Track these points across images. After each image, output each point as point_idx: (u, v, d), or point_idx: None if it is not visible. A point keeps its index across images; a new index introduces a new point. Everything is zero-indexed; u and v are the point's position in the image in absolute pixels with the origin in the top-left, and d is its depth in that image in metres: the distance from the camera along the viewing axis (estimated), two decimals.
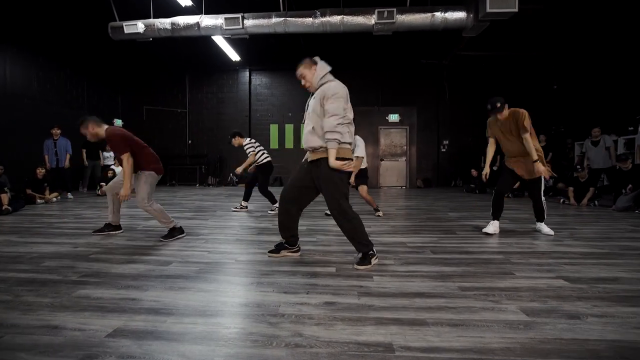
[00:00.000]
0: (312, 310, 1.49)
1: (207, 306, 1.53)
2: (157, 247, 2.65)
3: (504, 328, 1.32)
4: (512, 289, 1.75)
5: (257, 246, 2.66)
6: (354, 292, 1.71)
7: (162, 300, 1.59)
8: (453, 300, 1.60)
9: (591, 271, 2.05)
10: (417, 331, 1.30)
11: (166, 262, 2.24)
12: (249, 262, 2.23)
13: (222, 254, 2.44)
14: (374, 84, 10.43)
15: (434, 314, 1.45)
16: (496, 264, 2.21)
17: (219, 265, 2.16)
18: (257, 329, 1.32)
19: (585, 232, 3.25)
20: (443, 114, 10.42)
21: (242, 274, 2.00)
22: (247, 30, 6.44)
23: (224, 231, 3.28)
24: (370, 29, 6.25)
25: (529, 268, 2.12)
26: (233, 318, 1.42)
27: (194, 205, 5.38)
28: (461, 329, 1.31)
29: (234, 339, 1.24)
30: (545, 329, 1.32)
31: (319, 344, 1.21)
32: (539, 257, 2.38)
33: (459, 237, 3.03)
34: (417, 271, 2.05)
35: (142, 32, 6.65)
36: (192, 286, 1.79)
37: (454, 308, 1.51)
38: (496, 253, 2.48)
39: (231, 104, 11.06)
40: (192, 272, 2.03)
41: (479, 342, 1.22)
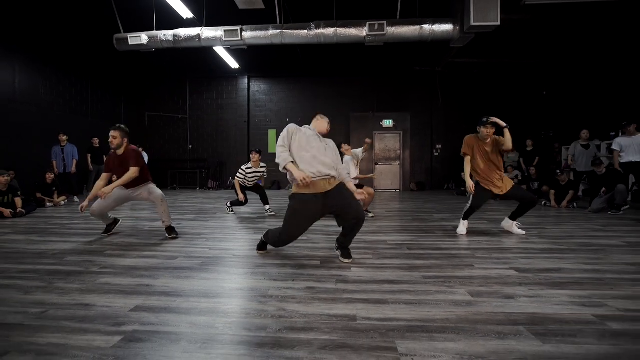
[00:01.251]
0: (295, 292, 1.81)
1: (209, 290, 1.85)
2: (163, 244, 2.96)
3: (449, 305, 1.64)
4: (468, 277, 2.07)
5: (253, 244, 2.98)
6: (333, 279, 2.03)
7: (171, 286, 1.91)
8: (414, 286, 1.92)
9: (541, 264, 2.36)
10: (378, 307, 1.62)
11: (172, 257, 2.55)
12: (245, 257, 2.55)
13: (222, 250, 2.75)
14: (369, 90, 10.80)
15: (395, 296, 1.77)
16: (461, 258, 2.52)
17: (218, 260, 2.47)
18: (250, 306, 1.63)
19: (553, 232, 3.57)
20: (436, 119, 10.78)
21: (239, 266, 2.31)
22: (246, 41, 6.79)
23: (223, 231, 3.59)
24: (362, 40, 6.60)
25: (489, 261, 2.43)
26: (230, 298, 1.74)
27: (195, 208, 5.69)
28: (414, 306, 1.63)
29: (231, 313, 1.55)
30: (482, 305, 1.63)
31: (298, 316, 1.53)
32: (501, 252, 2.70)
33: (436, 236, 3.34)
34: (391, 264, 2.37)
35: (145, 44, 7.00)
36: (196, 275, 2.10)
37: (414, 292, 1.83)
38: (464, 249, 2.80)
39: (230, 110, 11.41)
40: (195, 264, 2.35)
41: (425, 315, 1.54)
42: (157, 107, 11.50)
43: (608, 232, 3.54)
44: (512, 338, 1.32)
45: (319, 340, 1.31)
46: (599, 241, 3.08)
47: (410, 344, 1.28)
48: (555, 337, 1.33)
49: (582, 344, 1.27)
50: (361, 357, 1.18)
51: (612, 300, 1.70)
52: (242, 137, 11.26)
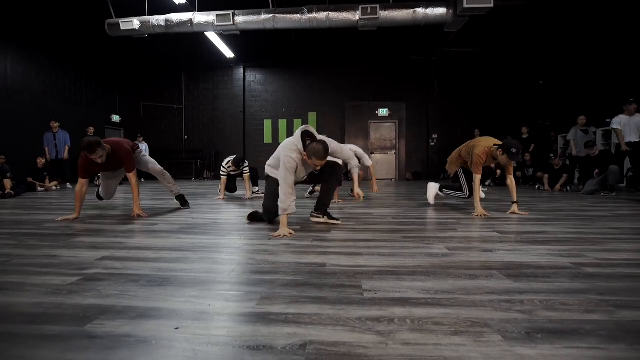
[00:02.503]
0: (269, 247, 1.78)
1: (180, 246, 1.81)
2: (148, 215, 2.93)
3: (424, 257, 1.60)
4: (448, 238, 2.03)
5: (238, 215, 2.94)
6: (310, 239, 1.99)
7: (144, 243, 1.87)
8: (392, 243, 1.89)
9: (525, 228, 2.33)
10: (350, 258, 1.58)
11: (153, 223, 2.52)
12: (226, 224, 2.51)
13: (204, 219, 2.72)
14: (364, 80, 10.72)
15: (370, 250, 1.73)
16: (445, 224, 2.49)
17: (199, 226, 2.44)
18: (216, 256, 1.60)
19: (542, 207, 3.53)
20: (432, 109, 10.71)
21: (217, 230, 2.27)
22: (238, 26, 6.72)
23: (210, 207, 3.56)
24: (355, 25, 6.54)
25: (473, 226, 2.40)
26: (200, 252, 1.70)
27: (187, 192, 5.65)
28: (388, 257, 1.60)
29: (197, 261, 1.52)
30: (458, 257, 1.60)
31: (265, 263, 1.49)
32: (487, 220, 2.66)
33: (423, 210, 3.31)
34: (372, 228, 2.33)
35: (137, 29, 6.93)
36: (172, 236, 2.07)
37: (390, 247, 1.79)
38: (450, 219, 2.76)
39: (226, 100, 11.34)
40: (174, 228, 2.31)
41: (398, 263, 1.50)
42: (152, 97, 11.43)
43: (598, 207, 3.50)
44: (483, 279, 1.28)
45: (283, 280, 1.27)
46: (587, 213, 3.05)
47: (377, 283, 1.24)
48: (527, 278, 1.29)
49: (554, 283, 1.23)
50: (322, 292, 1.15)
51: (591, 252, 1.66)
52: (237, 128, 11.20)
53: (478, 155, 2.97)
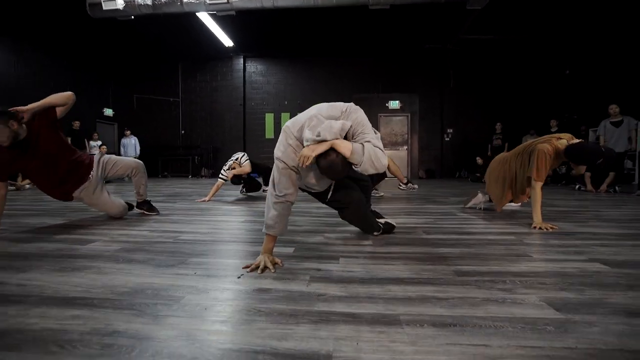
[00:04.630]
0: (227, 303, 1.01)
1: (80, 292, 1.06)
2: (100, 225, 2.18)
3: (522, 331, 0.82)
4: (530, 274, 1.24)
5: (213, 226, 2.19)
6: (305, 277, 1.22)
7: (32, 281, 1.12)
8: (445, 288, 1.11)
9: (635, 254, 1.53)
10: (384, 337, 0.81)
11: (86, 240, 1.77)
12: (191, 242, 1.75)
13: (164, 233, 1.96)
14: (373, 70, 9.89)
15: (413, 307, 0.96)
16: (505, 245, 1.70)
17: (146, 245, 1.68)
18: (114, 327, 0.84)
19: (612, 215, 2.72)
20: (448, 101, 9.84)
21: (168, 254, 1.52)
22: (233, 5, 5.96)
23: (186, 213, 2.80)
24: (365, 2, 5.73)
25: (550, 250, 1.61)
26: (92, 311, 0.94)
27: (173, 192, 4.92)
28: (454, 332, 0.82)
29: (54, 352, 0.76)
30: (592, 333, 0.82)
31: (213, 354, 0.72)
32: (562, 238, 1.86)
33: (459, 219, 2.52)
34: (402, 253, 1.55)
35: (121, 9, 6.20)
36: (92, 267, 1.31)
37: (445, 299, 1.01)
38: (505, 234, 1.97)
39: (225, 93, 10.61)
40: (109, 250, 1.56)
41: (483, 354, 0.73)
42: (147, 89, 10.74)
43: None
44: None
45: None
46: None
47: None
48: None
49: None
50: None
51: None
52: (237, 121, 10.47)
53: (545, 155, 2.17)
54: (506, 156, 2.59)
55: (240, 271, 1.28)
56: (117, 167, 2.44)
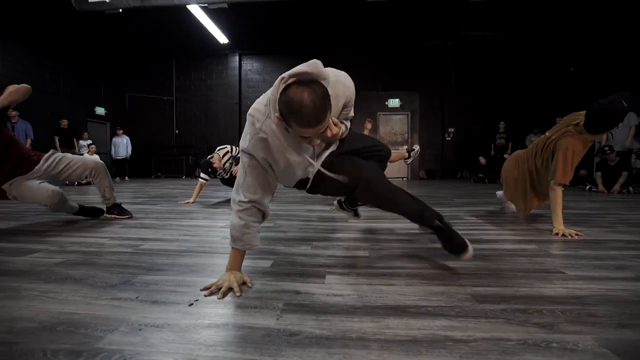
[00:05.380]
0: (168, 345, 0.72)
1: None
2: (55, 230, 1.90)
3: None
4: (571, 299, 0.96)
5: (187, 231, 1.90)
6: (279, 304, 0.94)
7: None
8: (463, 322, 0.82)
9: None
10: None
11: (30, 250, 1.48)
12: (156, 252, 1.47)
13: (127, 240, 1.67)
14: (372, 67, 9.60)
15: (421, 358, 0.67)
16: (528, 256, 1.41)
17: (99, 256, 1.39)
18: None
19: (636, 218, 2.44)
20: (448, 99, 9.57)
21: (123, 268, 1.23)
22: None
23: (160, 216, 2.52)
24: None
25: (585, 264, 1.32)
26: None
27: (160, 193, 4.64)
28: None
29: None
30: None
31: None
32: (592, 247, 1.58)
33: (468, 223, 2.23)
34: (403, 268, 1.27)
35: (108, 1, 5.92)
36: (20, 288, 1.03)
37: (465, 342, 0.73)
38: (524, 242, 1.68)
39: (220, 91, 10.34)
40: (49, 263, 1.27)
41: None
42: (140, 87, 10.45)
43: None
44: None
45: None
46: None
47: None
48: None
49: None
50: None
51: None
52: (232, 121, 10.19)
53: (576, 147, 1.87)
54: (523, 155, 2.28)
55: (197, 295, 1.00)
56: (73, 166, 2.15)
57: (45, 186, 1.99)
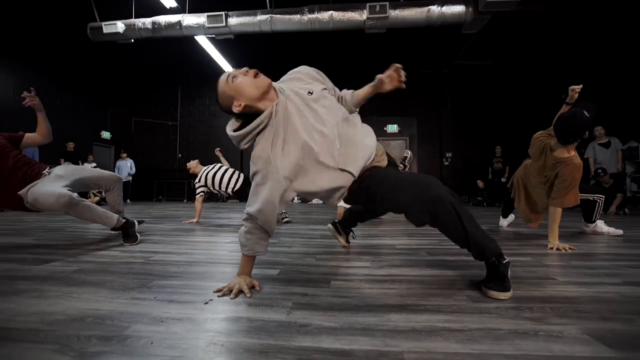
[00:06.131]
0: (191, 338, 0.79)
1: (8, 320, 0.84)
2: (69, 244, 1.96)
3: None
4: (560, 299, 1.03)
5: (191, 247, 1.97)
6: (288, 303, 1.01)
7: None
8: (459, 317, 0.89)
9: None
10: None
11: (46, 260, 1.55)
12: (161, 262, 1.53)
13: (135, 254, 1.74)
14: None
15: (420, 343, 0.74)
16: (522, 266, 1.49)
17: (109, 266, 1.46)
18: None
19: (629, 235, 2.51)
20: (446, 125, 9.84)
21: (133, 276, 1.30)
22: (232, 29, 6.04)
23: (169, 232, 2.59)
24: (362, 26, 5.80)
25: (576, 272, 1.39)
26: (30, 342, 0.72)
27: (163, 214, 4.71)
28: None
29: None
30: None
31: None
32: (584, 259, 1.65)
33: None
34: (402, 275, 1.34)
35: (122, 32, 6.29)
36: (35, 291, 1.09)
37: (460, 331, 0.80)
38: (520, 255, 1.76)
39: (224, 117, 10.59)
40: (64, 272, 1.34)
41: None
42: (146, 112, 10.77)
43: None
44: None
45: None
46: None
47: None
48: None
49: None
50: None
51: None
52: (234, 146, 10.37)
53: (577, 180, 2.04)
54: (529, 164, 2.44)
55: (210, 296, 1.07)
56: (95, 172, 2.23)
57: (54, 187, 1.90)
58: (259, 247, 1.17)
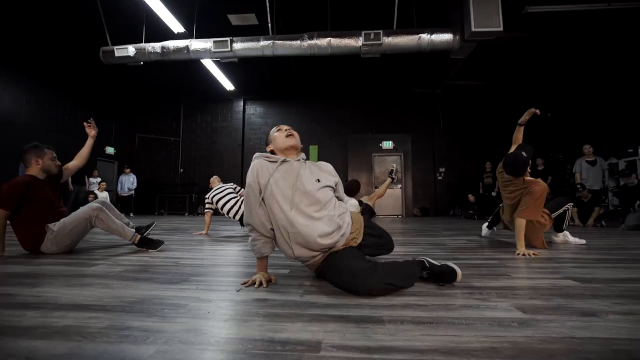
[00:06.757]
0: (231, 306, 1.11)
1: (96, 300, 1.15)
2: (101, 252, 2.26)
3: (489, 326, 0.93)
4: (507, 289, 1.36)
5: (211, 252, 2.28)
6: (299, 289, 1.33)
7: (49, 294, 1.21)
8: (427, 298, 1.21)
9: (606, 273, 1.65)
10: (364, 329, 0.91)
11: (91, 263, 1.85)
12: (190, 265, 1.84)
13: (164, 259, 2.05)
14: (367, 112, 10.44)
15: (396, 312, 1.06)
16: (488, 267, 1.81)
17: (150, 268, 1.77)
18: (138, 324, 0.93)
19: (596, 244, 2.85)
20: (439, 141, 10.29)
21: (172, 275, 1.61)
22: (236, 53, 6.47)
23: (182, 243, 2.89)
24: (357, 51, 6.26)
25: (529, 270, 1.72)
26: (115, 314, 1.04)
27: (171, 227, 5.00)
28: (429, 327, 0.92)
29: (96, 334, 0.86)
30: (549, 327, 0.93)
31: (211, 343, 0.83)
32: (543, 261, 1.98)
33: (449, 248, 2.63)
34: None
35: (132, 56, 6.70)
36: (99, 283, 1.40)
37: (426, 306, 1.12)
38: (490, 259, 2.08)
39: (225, 133, 11.03)
40: (115, 272, 1.65)
41: (452, 339, 0.83)
42: (149, 129, 11.15)
43: None
44: None
45: None
46: None
47: None
48: None
49: None
50: None
51: None
52: (235, 161, 10.77)
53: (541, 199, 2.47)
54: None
55: (238, 286, 1.38)
56: (67, 228, 2.23)
57: None
58: (265, 249, 1.47)
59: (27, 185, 2.14)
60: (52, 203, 2.27)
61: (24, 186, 2.13)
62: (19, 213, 2.14)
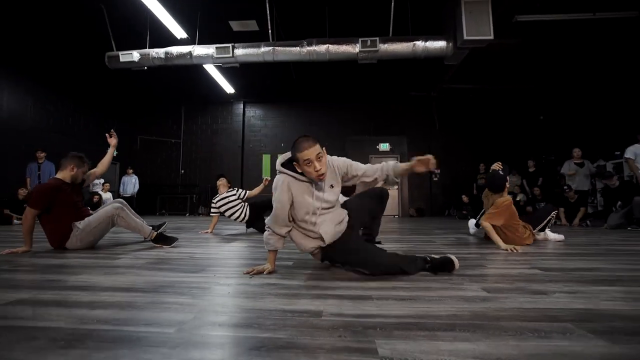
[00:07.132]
0: (247, 288, 1.34)
1: (132, 285, 1.38)
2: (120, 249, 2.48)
3: (458, 301, 1.16)
4: (479, 276, 1.59)
5: (220, 249, 2.50)
6: (303, 277, 1.55)
7: (88, 281, 1.43)
8: (411, 283, 1.44)
9: (569, 264, 1.89)
10: (357, 304, 1.14)
11: (115, 256, 2.07)
12: (205, 258, 2.07)
13: (180, 253, 2.27)
14: (364, 115, 10.69)
15: (383, 292, 1.29)
16: (469, 260, 2.05)
17: (169, 261, 1.99)
18: (173, 300, 1.16)
19: (573, 241, 3.09)
20: (434, 144, 10.53)
21: (191, 266, 1.83)
22: (237, 59, 6.69)
23: (191, 240, 3.11)
24: (355, 57, 6.50)
25: (503, 262, 1.96)
26: (153, 295, 1.26)
27: (176, 226, 5.21)
28: (408, 302, 1.16)
29: (143, 307, 1.08)
30: (505, 301, 1.16)
31: (238, 311, 1.05)
32: (519, 255, 2.22)
33: (437, 244, 2.86)
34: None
35: (137, 61, 6.91)
36: (129, 272, 1.62)
37: (409, 289, 1.35)
38: (472, 254, 2.32)
39: (225, 135, 11.24)
40: (138, 264, 1.87)
41: (424, 311, 1.06)
42: (150, 130, 11.34)
43: (635, 242, 3.06)
44: (558, 337, 0.85)
45: (256, 339, 0.84)
46: (628, 247, 2.61)
47: (400, 344, 0.81)
48: (625, 335, 0.86)
49: None
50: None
51: None
52: (235, 162, 10.98)
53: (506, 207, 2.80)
54: None
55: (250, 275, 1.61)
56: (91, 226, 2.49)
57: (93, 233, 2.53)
58: (278, 244, 1.70)
59: (57, 189, 2.36)
60: (77, 204, 2.49)
61: (54, 189, 2.35)
62: (49, 213, 2.36)
